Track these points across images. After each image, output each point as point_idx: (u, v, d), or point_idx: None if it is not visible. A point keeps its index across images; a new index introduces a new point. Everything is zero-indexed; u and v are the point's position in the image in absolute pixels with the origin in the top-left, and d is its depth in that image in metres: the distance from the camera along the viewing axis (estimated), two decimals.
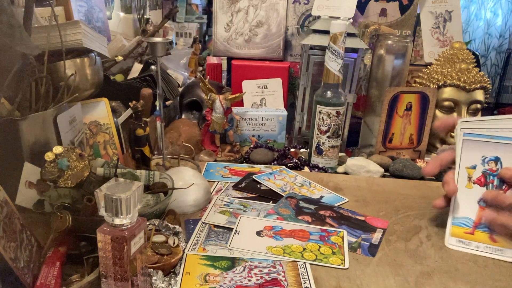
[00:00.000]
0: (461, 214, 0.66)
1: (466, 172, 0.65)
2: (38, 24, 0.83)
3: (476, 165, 0.65)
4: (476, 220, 0.65)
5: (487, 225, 0.64)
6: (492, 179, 0.64)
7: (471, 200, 0.65)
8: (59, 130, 0.71)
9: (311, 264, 0.60)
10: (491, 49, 4.67)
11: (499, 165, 0.63)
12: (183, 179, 0.75)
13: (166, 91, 1.13)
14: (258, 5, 1.22)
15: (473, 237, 0.65)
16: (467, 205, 0.65)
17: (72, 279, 0.52)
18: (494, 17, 4.58)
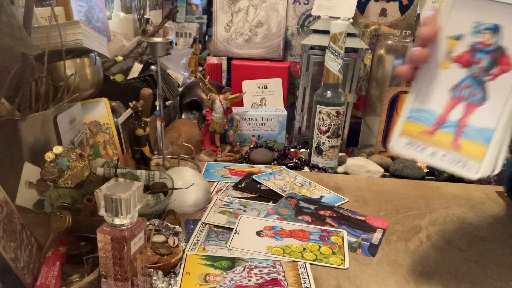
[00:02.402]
0: (423, 105, 0.46)
1: (446, 44, 0.45)
2: (38, 24, 0.83)
3: (462, 35, 0.44)
4: (443, 115, 0.45)
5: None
6: (479, 58, 0.43)
7: (441, 85, 0.45)
8: (59, 130, 0.71)
9: (311, 264, 0.60)
10: None
11: (497, 38, 0.42)
12: (183, 179, 0.75)
13: (166, 91, 1.13)
14: (258, 5, 1.22)
15: (431, 139, 0.46)
16: (434, 92, 0.46)
17: (72, 279, 0.52)
18: None
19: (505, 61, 0.42)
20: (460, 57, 0.45)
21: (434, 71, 0.46)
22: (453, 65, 0.45)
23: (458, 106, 0.45)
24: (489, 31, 0.43)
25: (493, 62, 0.43)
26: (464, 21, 0.44)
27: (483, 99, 0.43)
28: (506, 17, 0.42)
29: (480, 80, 0.43)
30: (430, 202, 0.83)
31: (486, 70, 0.43)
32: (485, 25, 0.43)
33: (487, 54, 0.43)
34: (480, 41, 0.44)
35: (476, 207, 0.81)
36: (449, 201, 0.84)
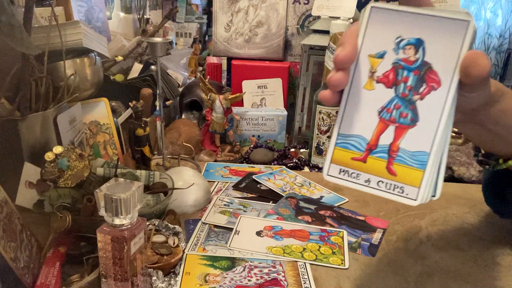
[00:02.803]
0: (351, 130, 0.43)
1: (368, 63, 0.41)
2: (38, 24, 0.83)
3: (385, 52, 0.40)
4: (373, 140, 0.42)
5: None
6: (406, 76, 0.40)
7: (368, 108, 0.41)
8: (59, 130, 0.71)
9: (311, 264, 0.60)
10: (491, 49, 4.67)
11: (421, 53, 0.39)
12: (183, 179, 0.75)
13: (166, 91, 1.13)
14: (258, 5, 1.22)
15: (364, 166, 0.42)
16: (362, 116, 0.42)
17: (72, 279, 0.52)
18: (494, 17, 4.59)
19: (433, 77, 0.38)
20: (385, 77, 0.41)
21: (359, 93, 0.42)
22: (378, 86, 0.41)
23: (388, 129, 0.41)
24: (411, 47, 0.39)
25: (420, 80, 0.39)
26: (385, 37, 0.40)
27: (414, 121, 0.39)
28: (428, 30, 0.38)
29: (409, 100, 0.39)
30: (430, 202, 0.82)
31: (414, 88, 0.40)
32: (407, 40, 0.39)
33: (413, 71, 0.39)
34: (404, 57, 0.40)
35: (476, 207, 0.81)
36: (449, 201, 0.84)
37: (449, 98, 0.38)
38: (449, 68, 0.37)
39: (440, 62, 0.38)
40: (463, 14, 0.36)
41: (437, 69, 0.38)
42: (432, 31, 0.38)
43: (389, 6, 0.39)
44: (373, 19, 0.41)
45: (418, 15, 0.39)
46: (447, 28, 0.37)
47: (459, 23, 0.36)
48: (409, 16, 0.39)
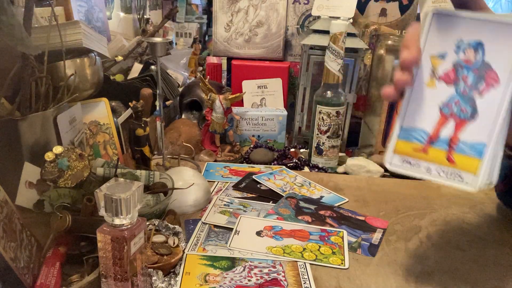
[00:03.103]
0: (414, 124, 0.46)
1: (430, 63, 0.45)
2: (38, 24, 0.83)
3: (446, 53, 0.44)
4: (434, 133, 0.45)
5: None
6: (465, 75, 0.43)
7: (430, 104, 0.45)
8: (59, 130, 0.71)
9: (311, 264, 0.60)
10: None
11: (480, 55, 0.42)
12: (183, 179, 0.75)
13: (166, 91, 1.14)
14: (258, 5, 1.22)
15: (425, 156, 0.46)
16: (424, 111, 0.46)
17: (72, 279, 0.52)
18: None
19: (492, 76, 0.42)
20: (446, 76, 0.45)
21: (421, 91, 0.46)
22: (440, 84, 0.45)
23: (449, 123, 0.44)
24: (471, 49, 0.43)
25: (479, 78, 0.43)
26: (446, 39, 0.44)
27: (473, 115, 0.43)
28: (487, 34, 0.42)
29: (468, 97, 0.43)
30: (430, 202, 0.83)
31: (473, 86, 0.43)
32: (467, 43, 0.43)
33: (473, 71, 0.43)
34: (464, 58, 0.43)
35: (476, 207, 0.81)
36: (449, 201, 0.84)
37: (508, 95, 0.41)
38: (508, 68, 0.41)
39: (499, 63, 0.41)
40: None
41: (496, 68, 0.42)
42: (491, 35, 0.42)
43: (449, 12, 0.44)
44: (434, 23, 0.45)
45: (478, 20, 0.42)
46: (505, 31, 0.41)
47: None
48: (469, 21, 0.43)
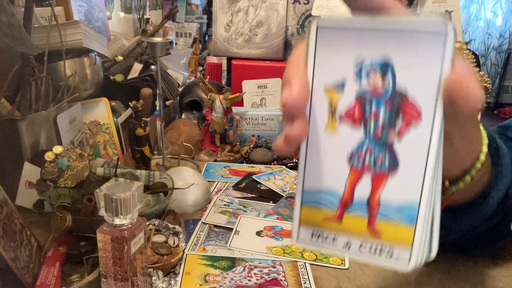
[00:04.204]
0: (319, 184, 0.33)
1: (325, 98, 0.31)
2: (38, 24, 0.83)
3: (345, 81, 0.30)
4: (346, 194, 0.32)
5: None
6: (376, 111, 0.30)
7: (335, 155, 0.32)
8: (59, 130, 0.71)
9: (311, 264, 0.60)
10: (491, 49, 4.67)
11: (390, 79, 0.29)
12: (183, 179, 0.75)
13: (166, 91, 1.14)
14: (258, 5, 1.22)
15: (340, 227, 0.33)
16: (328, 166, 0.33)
17: (72, 279, 0.52)
18: (494, 17, 4.59)
19: (410, 109, 0.29)
20: (350, 114, 0.31)
21: (320, 139, 0.32)
22: (343, 126, 0.31)
23: (363, 179, 0.32)
24: (377, 72, 0.29)
25: (394, 114, 0.29)
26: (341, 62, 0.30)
27: (394, 166, 0.30)
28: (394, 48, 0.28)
29: (383, 142, 0.30)
30: None
31: (388, 126, 0.30)
32: (370, 63, 0.29)
33: (383, 104, 0.30)
34: (369, 87, 0.30)
35: None
36: None
37: (435, 133, 0.29)
38: (430, 96, 0.28)
39: (417, 89, 0.29)
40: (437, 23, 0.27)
41: (414, 98, 0.29)
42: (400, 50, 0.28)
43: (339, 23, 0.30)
44: (322, 42, 0.31)
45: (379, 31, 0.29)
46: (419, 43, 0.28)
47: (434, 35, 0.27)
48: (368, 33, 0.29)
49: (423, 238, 0.30)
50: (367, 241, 0.32)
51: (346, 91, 0.30)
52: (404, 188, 0.30)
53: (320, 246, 0.34)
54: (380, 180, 0.31)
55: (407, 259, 0.31)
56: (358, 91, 0.30)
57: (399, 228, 0.31)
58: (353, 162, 0.31)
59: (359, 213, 0.32)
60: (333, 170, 0.32)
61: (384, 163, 0.31)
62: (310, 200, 0.33)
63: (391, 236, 0.31)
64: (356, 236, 0.32)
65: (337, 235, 0.33)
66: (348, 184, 0.32)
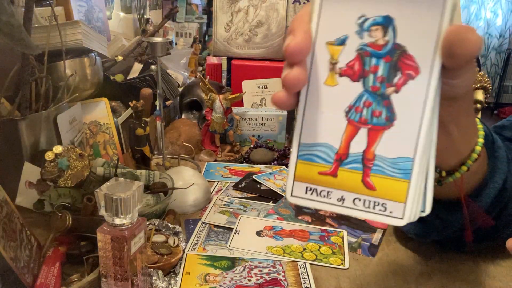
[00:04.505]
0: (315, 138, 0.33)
1: (327, 53, 0.32)
2: (38, 24, 0.83)
3: (347, 37, 0.31)
4: (342, 148, 0.33)
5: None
6: (375, 65, 0.31)
7: (333, 108, 0.33)
8: (59, 130, 0.71)
9: (311, 264, 0.60)
10: (491, 49, 4.67)
11: (391, 35, 0.30)
12: (183, 179, 0.75)
13: (166, 91, 1.14)
14: (258, 5, 1.22)
15: (335, 181, 0.33)
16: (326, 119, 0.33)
17: (72, 279, 0.52)
18: (494, 17, 4.59)
19: (409, 63, 0.30)
20: (349, 68, 0.32)
21: (319, 91, 0.33)
22: (342, 80, 0.32)
23: (360, 133, 0.32)
24: (378, 27, 0.31)
25: (393, 68, 0.30)
26: (345, 17, 0.31)
27: (390, 120, 0.31)
28: (396, 4, 0.30)
29: (381, 95, 0.31)
30: None
31: (387, 79, 0.31)
32: (372, 20, 0.31)
33: (383, 58, 0.31)
34: (370, 42, 0.31)
35: None
36: None
37: (432, 87, 0.30)
38: (428, 50, 0.30)
39: (416, 43, 0.30)
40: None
41: (413, 52, 0.30)
42: (402, 5, 0.30)
43: None
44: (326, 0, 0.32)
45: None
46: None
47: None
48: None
49: (417, 192, 0.31)
50: (361, 195, 0.32)
51: (347, 46, 0.31)
52: (400, 142, 0.31)
53: (314, 201, 0.34)
54: (376, 134, 0.32)
55: (401, 213, 0.31)
56: (359, 45, 0.31)
57: (393, 182, 0.31)
58: (350, 115, 0.32)
59: (354, 167, 0.32)
60: (330, 123, 0.33)
61: (381, 116, 0.31)
62: (306, 154, 0.34)
63: (386, 190, 0.31)
64: (350, 190, 0.32)
65: (331, 189, 0.33)
66: (344, 137, 0.32)
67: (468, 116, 0.43)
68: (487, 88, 1.06)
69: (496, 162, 0.51)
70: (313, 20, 0.32)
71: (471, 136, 0.46)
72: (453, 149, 0.45)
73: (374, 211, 0.32)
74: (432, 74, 0.30)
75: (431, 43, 0.29)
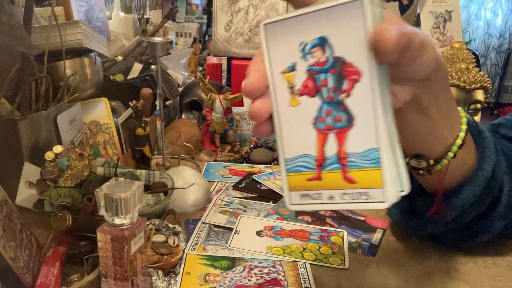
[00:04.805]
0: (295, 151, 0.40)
1: (283, 80, 0.38)
2: (38, 24, 0.83)
3: (294, 63, 0.37)
4: (319, 155, 0.38)
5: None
6: (324, 79, 0.37)
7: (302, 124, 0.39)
8: (59, 130, 0.71)
9: (311, 264, 0.60)
10: (491, 49, 4.67)
11: (329, 51, 0.36)
12: (183, 179, 0.75)
13: (166, 91, 1.14)
14: (258, 5, 1.22)
15: (321, 183, 0.39)
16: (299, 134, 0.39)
17: (72, 279, 0.52)
18: (494, 17, 4.59)
19: (351, 70, 0.35)
20: (305, 87, 0.37)
21: (287, 113, 0.39)
22: (302, 99, 0.38)
23: (329, 138, 0.37)
24: (317, 48, 0.36)
25: (339, 77, 0.36)
26: (289, 49, 0.37)
27: (350, 120, 0.36)
28: (325, 25, 0.35)
29: (337, 102, 0.36)
30: None
31: (337, 88, 0.36)
32: (310, 44, 0.36)
33: (329, 71, 0.36)
34: (314, 61, 0.36)
35: None
36: None
37: (375, 83, 0.34)
38: (363, 54, 0.34)
39: (351, 51, 0.35)
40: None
41: (351, 59, 0.35)
42: (330, 24, 0.35)
43: (279, 18, 0.37)
44: (269, 36, 0.38)
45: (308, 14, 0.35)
46: (343, 15, 0.34)
47: (352, 5, 0.33)
48: (301, 19, 0.36)
49: (391, 176, 0.35)
50: (346, 190, 0.37)
51: (297, 70, 0.37)
52: (364, 136, 0.36)
53: (310, 204, 0.39)
54: (343, 136, 0.37)
55: (382, 197, 0.36)
56: (307, 67, 0.37)
57: (368, 172, 0.36)
58: (317, 125, 0.38)
59: (333, 168, 0.38)
60: (303, 136, 0.38)
61: (342, 119, 0.36)
62: (292, 167, 0.39)
63: (365, 181, 0.36)
64: (336, 188, 0.38)
65: (320, 191, 0.38)
66: (318, 145, 0.38)
67: (447, 99, 0.46)
68: (487, 88, 1.06)
69: (484, 151, 0.53)
70: (265, 58, 0.38)
71: (454, 121, 0.48)
72: (437, 135, 0.47)
73: (361, 201, 0.37)
74: (372, 72, 0.34)
75: (363, 48, 0.34)
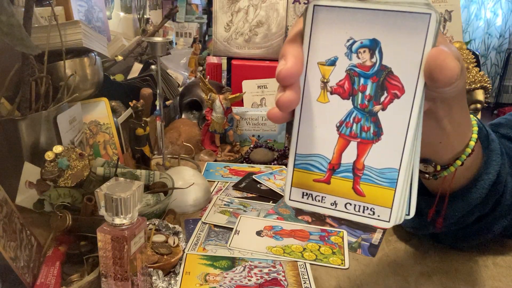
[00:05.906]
0: (310, 149, 0.37)
1: (318, 72, 0.35)
2: (38, 24, 0.83)
3: (336, 58, 0.34)
4: (335, 159, 0.36)
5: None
6: (363, 84, 0.34)
7: (325, 123, 0.36)
8: (59, 130, 0.71)
9: (311, 264, 0.60)
10: (491, 49, 4.67)
11: (377, 56, 0.33)
12: (183, 179, 0.75)
13: (166, 91, 1.14)
14: (258, 5, 1.22)
15: (328, 187, 0.37)
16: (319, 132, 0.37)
17: (72, 279, 0.52)
18: (494, 17, 4.59)
19: (395, 84, 0.32)
20: (340, 87, 0.35)
21: (312, 108, 0.36)
22: (333, 97, 0.35)
23: (350, 145, 0.35)
24: (366, 49, 0.33)
25: (380, 88, 0.33)
26: (334, 40, 0.34)
27: (378, 134, 0.34)
28: (383, 28, 0.32)
29: (369, 112, 0.34)
30: None
31: (374, 98, 0.34)
32: (359, 43, 0.33)
33: (370, 78, 0.33)
34: (358, 63, 0.33)
35: None
36: None
37: (415, 106, 0.32)
38: (413, 72, 0.32)
39: (401, 65, 0.32)
40: (422, 6, 0.30)
41: (399, 73, 0.32)
42: (388, 29, 0.31)
43: (335, 3, 0.33)
44: (317, 20, 0.34)
45: (369, 10, 0.32)
46: (405, 24, 0.31)
47: (419, 16, 0.30)
48: (359, 12, 0.32)
49: (402, 199, 0.34)
50: (352, 200, 0.36)
51: (337, 66, 0.34)
52: (387, 154, 0.34)
53: (310, 204, 0.38)
54: (365, 147, 0.35)
55: (387, 217, 0.35)
56: (348, 66, 0.34)
57: (381, 190, 0.35)
58: (341, 129, 0.35)
59: (345, 176, 0.36)
60: (323, 136, 0.36)
61: (369, 131, 0.34)
62: (302, 164, 0.37)
63: (374, 197, 0.35)
64: (342, 196, 0.36)
65: (325, 195, 0.37)
66: (336, 149, 0.36)
67: (462, 111, 0.44)
68: (487, 88, 1.06)
69: (491, 154, 0.53)
70: (304, 42, 0.35)
71: (465, 131, 0.47)
72: (447, 144, 0.46)
73: (364, 215, 0.36)
74: (416, 94, 0.32)
75: (415, 66, 0.32)
